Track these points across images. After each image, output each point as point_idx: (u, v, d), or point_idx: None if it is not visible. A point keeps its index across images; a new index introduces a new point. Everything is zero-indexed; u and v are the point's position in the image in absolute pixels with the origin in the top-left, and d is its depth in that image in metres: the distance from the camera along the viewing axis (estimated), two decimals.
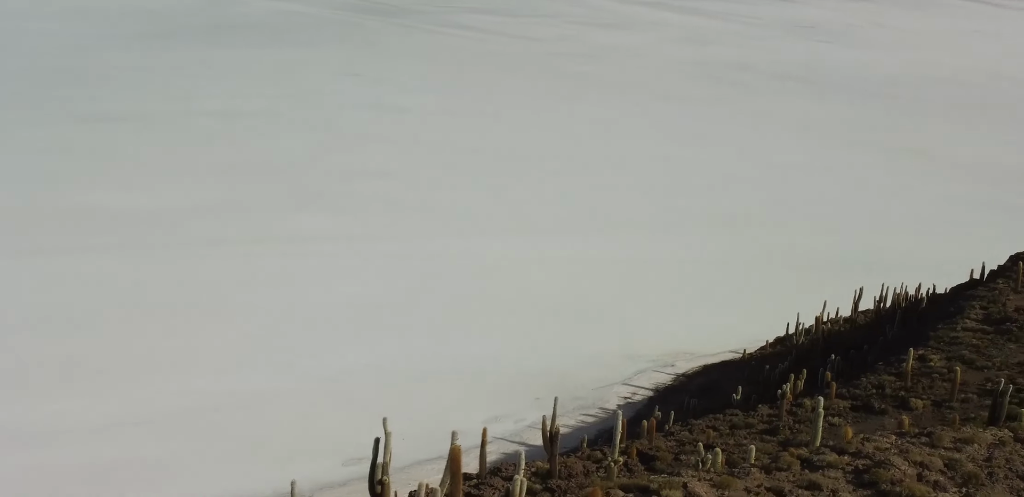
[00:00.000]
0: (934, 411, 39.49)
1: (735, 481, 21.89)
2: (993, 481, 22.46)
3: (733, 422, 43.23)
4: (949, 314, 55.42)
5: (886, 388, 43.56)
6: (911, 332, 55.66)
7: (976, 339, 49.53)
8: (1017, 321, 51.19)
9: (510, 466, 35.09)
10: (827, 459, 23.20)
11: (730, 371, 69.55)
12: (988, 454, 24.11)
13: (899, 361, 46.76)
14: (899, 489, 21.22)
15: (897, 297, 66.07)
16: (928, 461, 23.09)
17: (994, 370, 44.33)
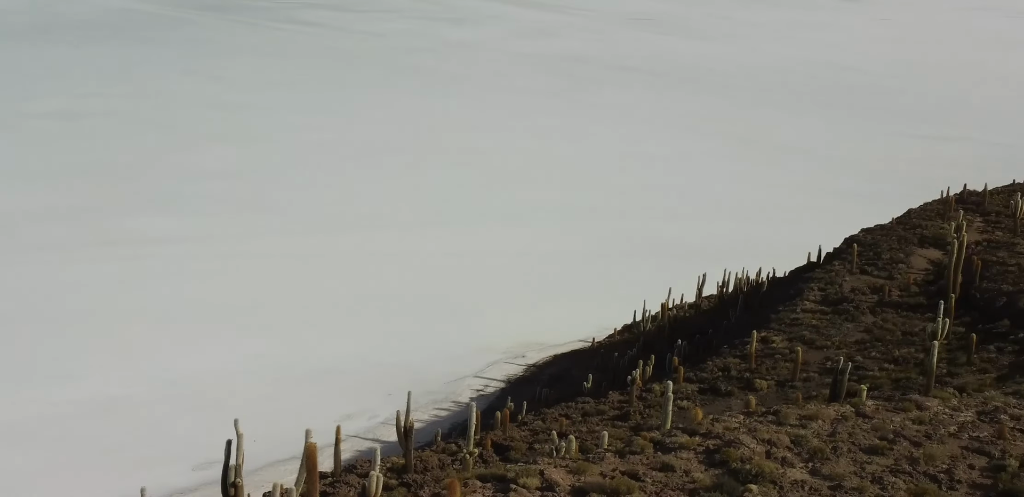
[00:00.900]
0: (778, 391, 40.60)
1: (590, 466, 22.14)
2: (837, 455, 23.22)
3: (585, 410, 43.71)
4: (789, 297, 57.02)
5: (732, 370, 44.62)
6: (754, 315, 57.12)
7: (815, 320, 51.10)
8: (853, 301, 52.96)
9: (365, 463, 34.82)
10: (679, 441, 23.65)
11: (580, 360, 70.36)
12: (832, 429, 24.89)
13: (743, 344, 47.94)
14: (749, 467, 21.76)
15: (739, 282, 67.68)
16: (775, 438, 23.73)
17: (833, 349, 45.82)
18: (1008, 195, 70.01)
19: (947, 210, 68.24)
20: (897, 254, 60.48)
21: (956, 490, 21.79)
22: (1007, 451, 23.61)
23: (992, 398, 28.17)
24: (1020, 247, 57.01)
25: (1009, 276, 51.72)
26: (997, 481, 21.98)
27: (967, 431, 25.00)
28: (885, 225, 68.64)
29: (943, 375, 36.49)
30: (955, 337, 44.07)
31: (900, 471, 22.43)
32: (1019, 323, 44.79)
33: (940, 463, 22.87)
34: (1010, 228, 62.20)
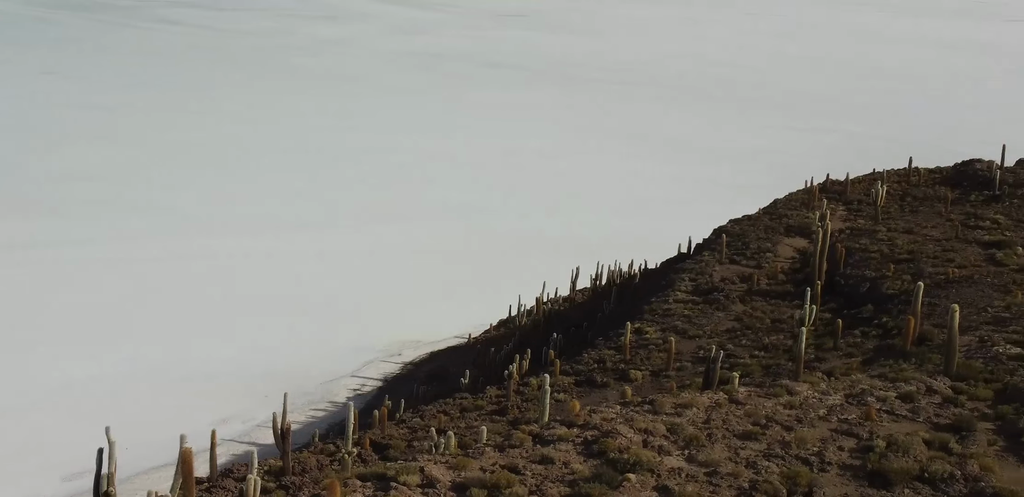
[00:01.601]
0: (653, 380, 41.13)
1: (470, 461, 22.13)
2: (712, 441, 23.61)
3: (463, 405, 43.74)
4: (661, 287, 57.81)
5: (607, 362, 45.08)
6: (627, 307, 57.77)
7: (687, 310, 51.89)
8: (723, 291, 53.94)
9: (242, 466, 34.25)
10: (557, 433, 23.78)
11: (457, 356, 70.41)
12: (706, 416, 25.30)
13: (617, 335, 48.45)
14: (626, 456, 21.98)
15: (612, 274, 68.44)
16: (652, 427, 24.01)
17: (705, 338, 46.62)
18: (869, 184, 72.04)
19: (811, 199, 69.95)
20: (764, 243, 61.78)
21: (827, 472, 22.31)
22: (875, 432, 24.27)
23: (859, 381, 28.93)
24: (881, 234, 58.72)
25: (872, 262, 53.21)
26: (866, 462, 22.58)
27: (836, 414, 25.63)
28: (752, 215, 70.05)
29: (811, 360, 37.37)
30: (822, 323, 45.17)
31: (773, 455, 22.89)
32: (882, 308, 46.11)
33: (811, 446, 23.40)
34: (871, 216, 64.03)
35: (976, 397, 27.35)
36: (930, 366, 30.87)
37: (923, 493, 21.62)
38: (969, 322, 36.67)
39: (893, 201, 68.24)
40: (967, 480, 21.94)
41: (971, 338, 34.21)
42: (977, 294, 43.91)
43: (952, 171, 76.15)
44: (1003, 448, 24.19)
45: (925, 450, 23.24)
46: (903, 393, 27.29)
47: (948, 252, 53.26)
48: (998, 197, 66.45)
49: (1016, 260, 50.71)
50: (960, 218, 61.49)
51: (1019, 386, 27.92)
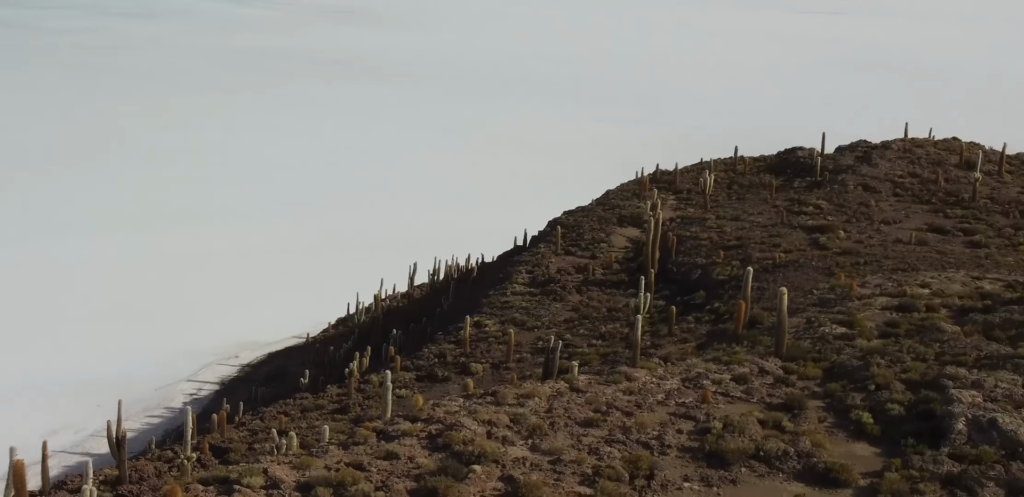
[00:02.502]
0: (494, 372, 41.37)
1: (314, 460, 21.86)
2: (555, 430, 23.86)
3: (304, 405, 43.23)
4: (499, 280, 58.13)
5: (447, 356, 45.12)
6: (466, 301, 57.94)
7: (525, 302, 52.31)
8: (560, 282, 54.54)
9: (76, 478, 33.21)
10: (401, 428, 23.67)
11: (296, 356, 69.55)
12: (548, 406, 25.56)
13: (457, 329, 48.56)
14: (471, 448, 22.03)
15: (449, 269, 68.55)
16: (495, 418, 24.13)
17: (544, 329, 47.09)
18: (697, 173, 73.76)
19: (642, 190, 71.26)
20: (598, 234, 62.68)
21: (667, 454, 22.77)
22: (711, 414, 24.88)
23: (694, 365, 29.61)
24: (711, 222, 60.21)
25: (702, 250, 54.52)
26: (704, 443, 23.13)
27: (674, 398, 26.19)
28: (586, 207, 70.99)
29: (648, 347, 38.11)
30: (656, 310, 46.12)
31: (615, 441, 23.24)
32: (714, 293, 47.30)
33: (651, 430, 23.85)
34: (700, 204, 65.59)
35: (806, 376, 28.28)
36: (761, 348, 31.79)
37: (759, 471, 22.25)
38: (796, 304, 37.87)
39: (721, 189, 70.03)
40: (800, 456, 22.68)
41: (799, 320, 35.34)
42: (803, 277, 45.40)
43: (776, 159, 78.56)
44: (832, 424, 25.09)
45: (760, 429, 23.93)
46: (737, 375, 28.04)
47: (774, 238, 54.95)
48: (820, 183, 68.82)
49: (838, 243, 52.64)
50: (785, 204, 63.47)
51: (845, 364, 28.97)
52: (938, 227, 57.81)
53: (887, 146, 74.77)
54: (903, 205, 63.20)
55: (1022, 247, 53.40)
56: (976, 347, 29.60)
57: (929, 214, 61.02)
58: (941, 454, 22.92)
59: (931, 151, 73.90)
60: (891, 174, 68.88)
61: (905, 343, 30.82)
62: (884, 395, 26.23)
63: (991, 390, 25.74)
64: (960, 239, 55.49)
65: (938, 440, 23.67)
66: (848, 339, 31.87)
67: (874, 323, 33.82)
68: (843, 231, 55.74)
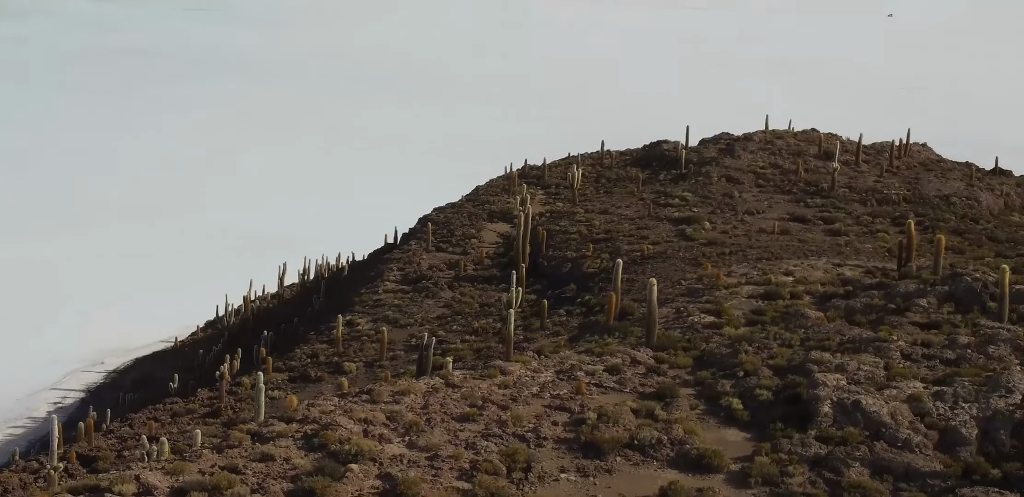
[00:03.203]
0: (368, 371, 41.13)
1: (188, 465, 21.45)
2: (432, 426, 23.84)
3: (174, 410, 42.39)
4: (371, 279, 57.82)
5: (320, 356, 44.72)
6: (337, 300, 57.49)
7: (397, 299, 52.14)
8: (432, 278, 54.49)
9: None
10: (276, 430, 23.38)
11: (164, 361, 68.18)
12: (424, 402, 25.51)
13: (329, 329, 48.14)
14: (348, 447, 21.86)
15: (320, 268, 67.93)
16: (371, 416, 24.00)
17: (417, 326, 46.97)
18: (565, 167, 74.37)
19: (511, 185, 71.56)
20: (469, 230, 62.79)
21: (543, 446, 22.93)
22: (585, 405, 25.14)
23: (568, 358, 29.89)
24: (579, 216, 60.77)
25: (572, 243, 55.02)
26: (579, 434, 23.36)
27: (548, 390, 26.39)
28: (456, 203, 71.03)
29: (521, 341, 38.31)
30: (528, 304, 46.41)
31: (491, 435, 23.32)
32: (584, 286, 47.79)
33: (527, 423, 23.99)
34: (569, 198, 66.15)
35: (677, 365, 28.79)
36: (633, 339, 32.24)
37: (633, 459, 22.57)
38: (665, 295, 38.47)
39: (589, 183, 70.73)
40: (673, 444, 23.07)
41: (668, 310, 35.93)
42: (671, 268, 46.16)
43: (641, 152, 79.65)
44: (704, 411, 25.59)
45: (633, 419, 24.28)
46: (610, 366, 28.39)
47: (642, 230, 55.74)
48: (685, 176, 70.02)
49: (704, 234, 53.65)
50: (651, 197, 64.41)
51: (715, 352, 29.58)
52: (799, 216, 59.35)
53: (749, 138, 76.44)
54: (765, 195, 64.71)
55: (880, 234, 55.13)
56: (839, 332, 30.47)
57: (790, 204, 62.60)
58: (809, 437, 23.55)
59: (791, 142, 75.78)
60: (753, 165, 70.44)
61: (771, 330, 31.59)
62: (752, 381, 26.85)
63: (854, 373, 26.52)
64: (821, 227, 57.06)
65: (805, 423, 24.31)
66: (716, 328, 32.53)
67: (741, 311, 34.59)
68: (708, 222, 56.83)
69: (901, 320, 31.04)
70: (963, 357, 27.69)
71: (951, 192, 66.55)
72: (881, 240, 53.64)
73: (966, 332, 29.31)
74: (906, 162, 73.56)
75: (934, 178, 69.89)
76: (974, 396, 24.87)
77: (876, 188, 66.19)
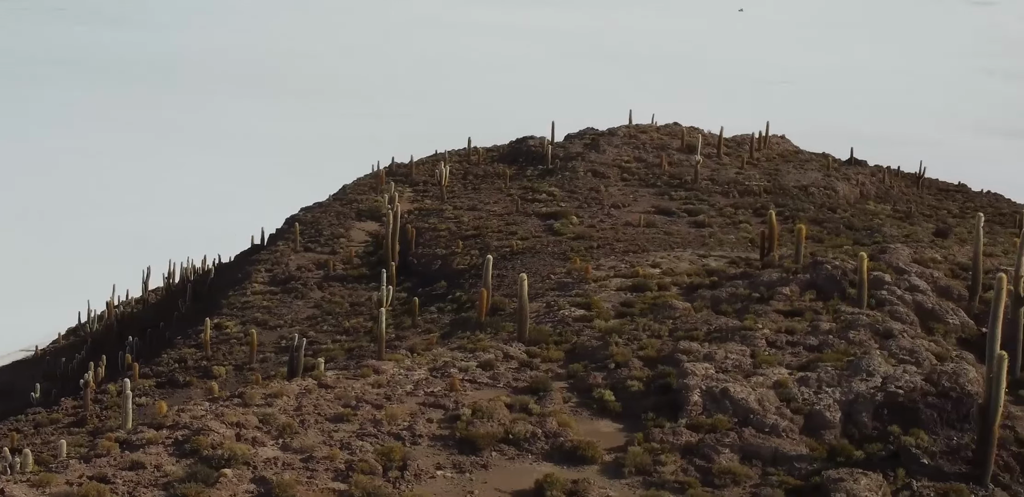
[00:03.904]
0: (238, 374, 40.57)
1: (54, 477, 20.86)
2: (306, 428, 23.60)
3: (37, 421, 41.16)
4: (238, 281, 56.99)
5: (188, 360, 43.96)
6: (205, 303, 56.54)
7: (266, 301, 51.51)
8: (300, 279, 53.96)
9: None
10: (145, 437, 22.88)
11: (24, 370, 66.15)
12: (297, 403, 25.24)
13: (197, 333, 47.34)
14: (220, 452, 21.51)
15: (185, 271, 66.67)
16: (244, 420, 23.64)
17: (287, 327, 46.50)
18: (433, 165, 74.35)
19: (379, 183, 71.22)
20: (337, 229, 62.34)
21: (419, 444, 22.91)
22: (460, 401, 25.19)
23: (440, 355, 29.90)
24: (448, 213, 60.82)
25: (441, 240, 55.05)
26: (454, 430, 23.41)
27: (422, 388, 26.36)
28: (323, 202, 70.45)
29: (393, 339, 38.23)
30: (399, 302, 46.30)
31: (366, 434, 23.20)
32: (455, 283, 47.87)
33: (402, 421, 23.94)
34: (437, 196, 66.14)
35: (549, 359, 29.02)
36: (505, 334, 32.43)
37: (509, 454, 22.70)
38: (536, 290, 38.77)
39: (456, 180, 70.83)
40: (548, 437, 23.28)
41: (539, 304, 36.20)
42: (540, 263, 46.53)
43: (508, 148, 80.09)
44: (577, 403, 25.88)
45: (508, 413, 24.42)
46: (483, 362, 28.50)
47: (511, 225, 56.05)
48: (551, 171, 70.60)
49: (572, 229, 54.21)
50: (519, 193, 64.79)
51: (586, 345, 29.91)
52: (664, 209, 60.37)
53: (613, 133, 77.44)
54: (631, 189, 65.66)
55: (742, 225, 56.42)
56: (706, 322, 31.08)
57: (655, 197, 63.62)
58: (679, 425, 24.01)
59: (654, 136, 77.03)
60: (618, 160, 71.41)
61: (640, 321, 32.07)
62: (624, 372, 27.23)
63: (722, 362, 27.11)
64: (685, 220, 58.18)
65: (676, 412, 24.78)
66: (587, 321, 32.89)
67: (610, 304, 35.02)
68: (576, 216, 57.43)
69: (765, 308, 31.78)
70: (825, 343, 28.51)
71: (809, 182, 68.46)
72: (744, 231, 54.93)
73: (827, 318, 30.17)
74: (766, 154, 75.43)
75: (793, 169, 71.81)
76: (837, 380, 25.65)
77: (738, 180, 67.68)
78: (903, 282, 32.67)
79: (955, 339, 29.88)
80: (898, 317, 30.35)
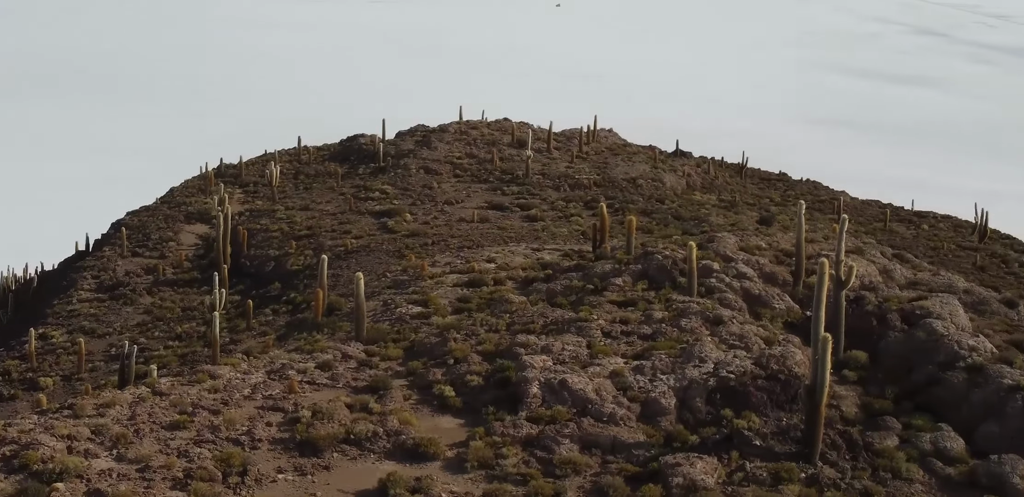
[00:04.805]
0: (66, 385, 39.28)
1: None
2: (140, 437, 22.99)
3: None
4: (63, 288, 55.14)
5: (12, 373, 42.31)
6: (28, 313, 54.56)
7: (94, 308, 49.97)
8: (129, 285, 52.53)
9: None
10: None
11: None
12: (131, 413, 24.59)
13: (21, 344, 45.64)
14: (52, 466, 20.81)
15: (6, 280, 64.17)
16: (75, 432, 22.91)
17: (117, 335, 45.21)
18: (263, 165, 73.30)
19: (208, 185, 69.84)
20: (166, 233, 60.92)
21: (259, 448, 22.60)
22: (299, 403, 24.94)
23: (278, 357, 29.55)
24: (280, 213, 60.02)
25: (274, 241, 54.30)
26: (295, 433, 23.18)
27: (260, 392, 26.01)
28: (150, 206, 68.75)
29: (228, 343, 37.59)
30: (233, 306, 45.52)
31: (204, 441, 22.78)
32: (289, 284, 47.32)
33: (240, 426, 23.57)
34: (268, 196, 65.21)
35: (388, 357, 28.99)
36: (342, 334, 32.24)
37: (351, 454, 22.62)
38: (372, 288, 38.65)
39: (287, 180, 69.99)
40: (389, 435, 23.27)
41: (376, 303, 36.09)
42: (376, 261, 46.36)
43: (339, 147, 79.51)
44: (418, 401, 25.92)
45: (348, 413, 24.30)
46: (321, 362, 28.28)
47: (344, 224, 55.67)
48: (384, 169, 70.34)
49: (406, 226, 54.15)
50: (352, 191, 64.37)
51: (424, 342, 29.96)
52: (497, 204, 60.82)
53: (444, 129, 77.61)
54: (463, 185, 65.92)
55: (574, 218, 57.24)
56: (542, 314, 31.48)
57: (488, 192, 64.02)
58: (520, 418, 24.28)
59: (485, 132, 77.47)
60: (450, 156, 71.59)
61: (478, 316, 32.28)
62: (463, 368, 27.39)
63: (559, 353, 27.50)
64: (518, 214, 58.70)
65: (516, 405, 25.05)
66: (424, 318, 32.95)
67: (447, 300, 35.14)
68: (409, 214, 57.40)
69: (600, 300, 32.34)
70: (659, 331, 29.19)
71: (638, 175, 69.84)
72: (575, 224, 55.73)
73: (660, 308, 30.87)
74: (595, 147, 76.63)
75: (621, 162, 73.14)
76: (671, 368, 26.30)
77: (568, 174, 68.60)
78: (731, 270, 33.68)
79: (782, 323, 30.96)
80: (727, 304, 31.28)
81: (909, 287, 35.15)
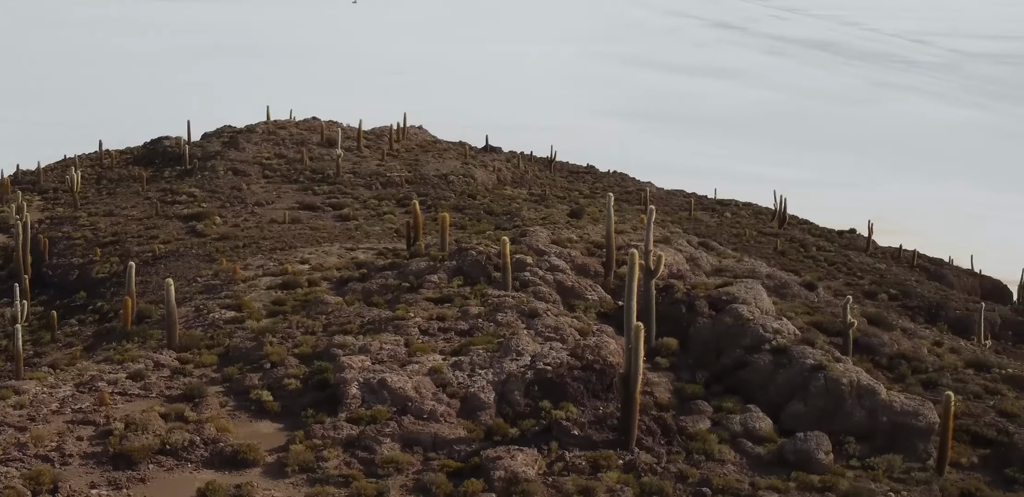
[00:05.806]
0: None
1: None
2: None
3: None
4: None
5: None
6: None
7: None
8: None
9: None
10: None
11: None
12: None
13: None
14: None
15: None
16: None
17: None
18: (63, 170, 70.82)
19: (4, 192, 67.02)
20: None
21: (70, 464, 21.88)
22: (111, 416, 24.22)
23: (86, 369, 28.65)
24: (83, 220, 58.06)
25: (78, 249, 52.54)
26: (107, 446, 22.50)
27: (69, 405, 25.16)
28: None
29: (32, 356, 36.29)
30: (36, 317, 43.91)
31: (11, 459, 21.92)
32: (96, 293, 45.89)
33: (49, 442, 22.76)
34: (70, 203, 63.00)
35: (202, 364, 28.45)
36: (153, 342, 31.46)
37: (167, 465, 22.12)
38: (183, 294, 37.80)
39: (90, 186, 67.76)
40: (207, 444, 22.85)
41: (188, 309, 35.33)
42: (186, 266, 45.36)
43: (143, 150, 77.42)
44: (235, 407, 25.52)
45: (163, 423, 23.74)
46: (132, 372, 27.54)
47: (152, 229, 54.22)
48: (191, 171, 68.78)
49: (216, 229, 53.12)
50: (158, 195, 62.73)
51: (239, 347, 29.51)
52: (309, 204, 60.22)
53: (252, 130, 76.37)
54: (273, 186, 65.04)
55: (387, 216, 57.13)
56: (359, 314, 31.39)
57: (299, 193, 63.34)
58: (340, 420, 24.16)
59: (294, 132, 76.58)
60: (259, 157, 70.51)
61: (293, 319, 31.96)
62: (280, 372, 27.10)
63: (377, 353, 27.47)
64: (330, 214, 58.28)
65: (336, 407, 24.92)
66: (239, 322, 32.44)
67: (261, 303, 34.68)
68: (219, 216, 56.32)
69: (416, 297, 32.43)
70: (476, 327, 29.45)
71: (449, 171, 70.16)
72: (389, 222, 55.64)
73: (476, 303, 31.15)
74: (405, 145, 76.63)
75: (432, 158, 73.37)
76: (489, 362, 26.56)
77: (379, 172, 68.43)
78: (544, 263, 34.24)
79: (595, 314, 31.64)
80: (542, 297, 31.78)
81: (715, 274, 36.40)
